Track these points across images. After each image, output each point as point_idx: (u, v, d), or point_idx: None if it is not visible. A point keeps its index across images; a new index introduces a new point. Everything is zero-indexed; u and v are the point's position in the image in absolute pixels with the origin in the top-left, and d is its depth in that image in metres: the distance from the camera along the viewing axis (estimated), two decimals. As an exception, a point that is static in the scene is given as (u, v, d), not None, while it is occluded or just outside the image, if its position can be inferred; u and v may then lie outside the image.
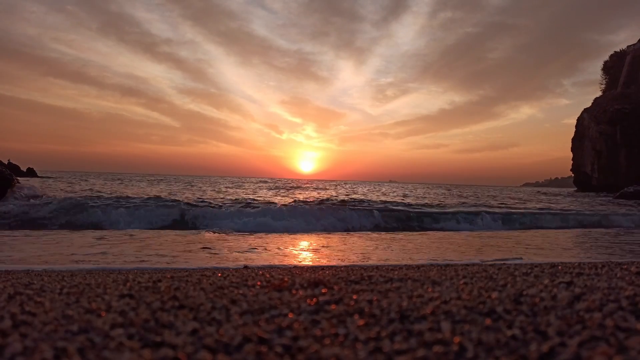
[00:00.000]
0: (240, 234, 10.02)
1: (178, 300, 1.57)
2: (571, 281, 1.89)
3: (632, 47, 72.07)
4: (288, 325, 1.21)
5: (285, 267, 4.82)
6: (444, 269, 2.90)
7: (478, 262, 5.73)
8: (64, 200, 12.93)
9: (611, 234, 11.38)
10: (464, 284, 1.92)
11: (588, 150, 67.21)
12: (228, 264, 5.58)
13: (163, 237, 9.00)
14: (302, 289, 1.78)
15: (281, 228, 11.19)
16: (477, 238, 10.27)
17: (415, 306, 1.43)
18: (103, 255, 6.28)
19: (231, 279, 2.34)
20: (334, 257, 6.63)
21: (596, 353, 0.94)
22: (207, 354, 0.98)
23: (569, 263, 3.13)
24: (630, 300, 1.43)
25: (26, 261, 5.65)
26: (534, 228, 13.75)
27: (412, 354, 0.98)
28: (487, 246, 8.55)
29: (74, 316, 1.32)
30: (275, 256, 6.65)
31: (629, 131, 59.82)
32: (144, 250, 6.94)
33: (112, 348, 1.01)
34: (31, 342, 1.03)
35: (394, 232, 11.64)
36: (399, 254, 7.15)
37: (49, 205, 11.91)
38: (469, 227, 13.44)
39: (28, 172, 50.39)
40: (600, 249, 8.11)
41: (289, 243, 8.49)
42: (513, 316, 1.28)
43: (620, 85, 69.42)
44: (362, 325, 1.22)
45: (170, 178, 62.24)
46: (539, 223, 14.62)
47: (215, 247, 7.42)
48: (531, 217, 15.22)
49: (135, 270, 4.57)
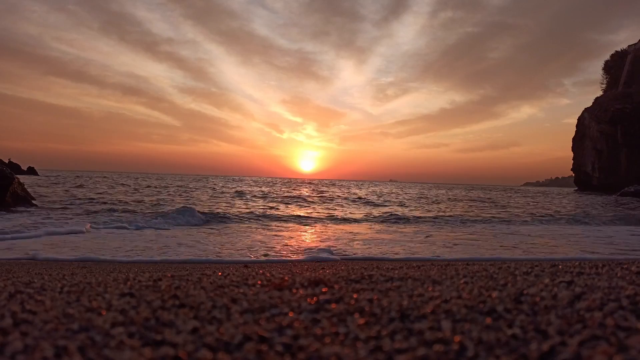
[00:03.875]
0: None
1: (178, 299, 1.57)
2: (572, 280, 1.89)
3: (633, 46, 71.98)
4: (288, 324, 1.21)
5: (285, 266, 4.82)
6: (445, 268, 2.90)
7: (479, 262, 5.73)
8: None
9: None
10: (464, 283, 1.92)
11: (589, 150, 67.14)
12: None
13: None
14: (302, 288, 1.78)
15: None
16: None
17: (416, 305, 1.43)
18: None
19: (231, 277, 2.34)
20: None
21: (597, 352, 0.94)
22: (207, 352, 0.98)
23: (569, 262, 3.13)
24: (631, 299, 1.43)
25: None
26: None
27: (412, 353, 0.98)
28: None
29: (75, 315, 1.32)
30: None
31: (630, 131, 59.75)
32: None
33: (112, 346, 1.01)
34: (32, 341, 1.03)
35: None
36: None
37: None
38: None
39: (29, 171, 50.39)
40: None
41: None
42: (513, 315, 1.28)
43: (621, 84, 69.34)
44: (362, 324, 1.22)
45: (187, 178, 62.29)
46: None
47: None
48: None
49: (136, 269, 4.57)
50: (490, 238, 11.96)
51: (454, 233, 13.33)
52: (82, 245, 9.28)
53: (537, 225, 16.01)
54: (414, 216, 18.67)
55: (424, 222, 16.77)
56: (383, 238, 11.78)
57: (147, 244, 9.57)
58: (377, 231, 13.68)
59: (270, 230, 13.38)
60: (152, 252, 8.48)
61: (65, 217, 14.71)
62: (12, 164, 41.77)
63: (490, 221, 17.07)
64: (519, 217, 17.80)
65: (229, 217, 16.44)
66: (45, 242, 9.51)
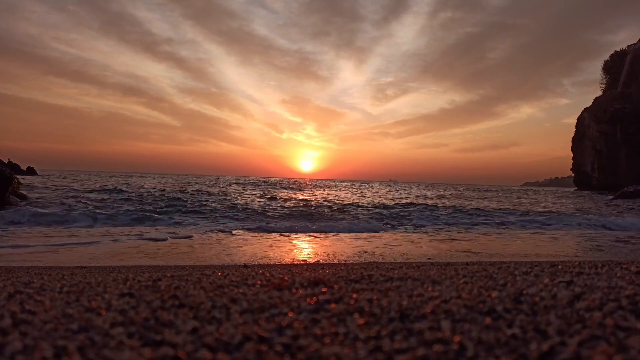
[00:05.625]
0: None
1: (178, 299, 1.57)
2: (571, 280, 1.89)
3: (632, 46, 72.02)
4: (288, 324, 1.21)
5: (285, 266, 4.82)
6: (444, 268, 2.90)
7: (478, 262, 5.73)
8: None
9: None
10: (464, 283, 1.92)
11: (588, 150, 67.19)
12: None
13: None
14: (302, 288, 1.78)
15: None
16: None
17: (415, 305, 1.43)
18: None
19: (231, 277, 2.34)
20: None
21: (596, 352, 0.94)
22: (207, 352, 0.98)
23: (569, 262, 3.13)
24: (630, 299, 1.43)
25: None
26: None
27: (412, 353, 0.98)
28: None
29: (74, 315, 1.32)
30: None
31: (630, 131, 59.80)
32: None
33: (112, 347, 1.01)
34: (31, 341, 1.03)
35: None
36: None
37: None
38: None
39: (28, 171, 50.39)
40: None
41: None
42: (513, 315, 1.28)
43: (620, 84, 69.39)
44: (362, 324, 1.22)
45: (187, 178, 61.94)
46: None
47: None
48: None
49: (136, 269, 4.56)
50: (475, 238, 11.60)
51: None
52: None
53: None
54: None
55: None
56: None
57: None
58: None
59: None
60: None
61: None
62: (12, 164, 41.75)
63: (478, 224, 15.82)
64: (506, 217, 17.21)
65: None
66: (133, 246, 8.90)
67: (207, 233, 10.71)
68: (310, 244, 9.35)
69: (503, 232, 12.69)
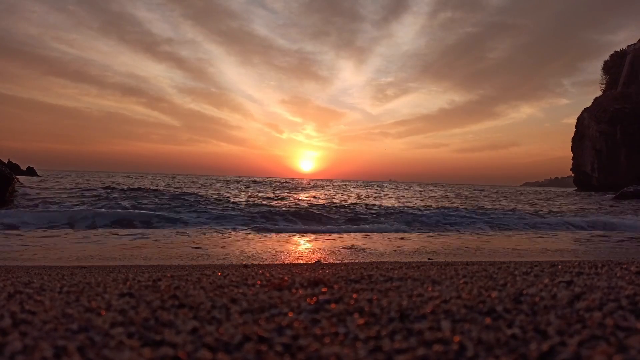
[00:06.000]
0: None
1: (178, 299, 1.57)
2: (571, 280, 1.89)
3: (632, 46, 72.03)
4: (288, 324, 1.21)
5: (285, 266, 4.82)
6: (444, 268, 2.90)
7: (478, 262, 5.73)
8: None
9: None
10: (464, 283, 1.92)
11: (588, 150, 67.19)
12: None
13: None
14: (302, 288, 1.78)
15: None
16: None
17: (415, 305, 1.43)
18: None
19: (231, 277, 2.34)
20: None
21: (596, 352, 0.94)
22: (207, 352, 0.98)
23: (568, 262, 3.13)
24: (630, 299, 1.43)
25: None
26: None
27: (412, 353, 0.98)
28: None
29: (74, 315, 1.32)
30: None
31: (629, 131, 59.82)
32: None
33: (112, 347, 1.01)
34: (31, 341, 1.03)
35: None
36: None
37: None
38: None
39: (28, 171, 50.36)
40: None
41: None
42: (513, 315, 1.28)
43: (620, 85, 69.39)
44: (362, 324, 1.22)
45: (187, 178, 61.98)
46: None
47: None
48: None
49: (135, 269, 4.56)
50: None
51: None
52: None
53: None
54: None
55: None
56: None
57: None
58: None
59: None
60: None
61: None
62: (12, 164, 41.75)
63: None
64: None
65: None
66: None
67: (207, 233, 10.73)
68: (311, 243, 9.35)
69: (502, 232, 12.69)
